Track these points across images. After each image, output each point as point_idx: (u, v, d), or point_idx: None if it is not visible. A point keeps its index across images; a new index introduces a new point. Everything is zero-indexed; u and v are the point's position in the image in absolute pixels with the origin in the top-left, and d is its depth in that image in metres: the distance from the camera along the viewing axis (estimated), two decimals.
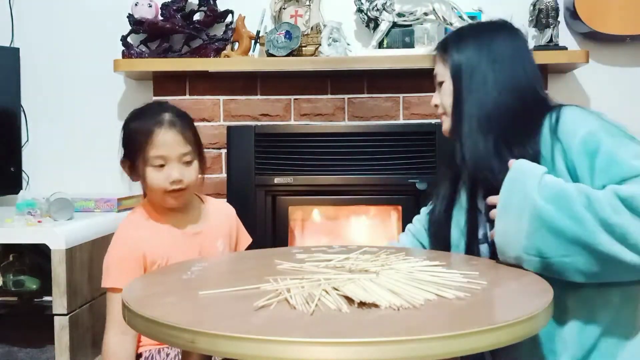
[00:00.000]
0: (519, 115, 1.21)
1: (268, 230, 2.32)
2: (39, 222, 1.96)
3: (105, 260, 1.38)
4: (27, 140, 2.54)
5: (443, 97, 1.32)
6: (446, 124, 1.34)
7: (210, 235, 1.45)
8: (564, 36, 2.38)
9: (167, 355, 1.38)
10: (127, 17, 2.36)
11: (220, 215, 1.50)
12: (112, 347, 1.33)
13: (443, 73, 1.31)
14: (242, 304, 0.86)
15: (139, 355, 1.39)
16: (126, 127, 1.42)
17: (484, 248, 1.25)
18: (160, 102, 1.50)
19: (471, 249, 1.26)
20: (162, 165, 1.35)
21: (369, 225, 2.45)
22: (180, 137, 1.37)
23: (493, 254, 1.21)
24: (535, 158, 1.15)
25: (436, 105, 1.35)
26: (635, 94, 2.42)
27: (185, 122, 1.40)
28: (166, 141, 1.35)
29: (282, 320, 0.79)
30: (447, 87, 1.30)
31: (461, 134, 1.26)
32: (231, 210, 1.55)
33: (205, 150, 1.50)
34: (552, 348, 1.12)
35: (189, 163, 1.38)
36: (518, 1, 2.33)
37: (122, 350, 1.33)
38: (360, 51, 2.34)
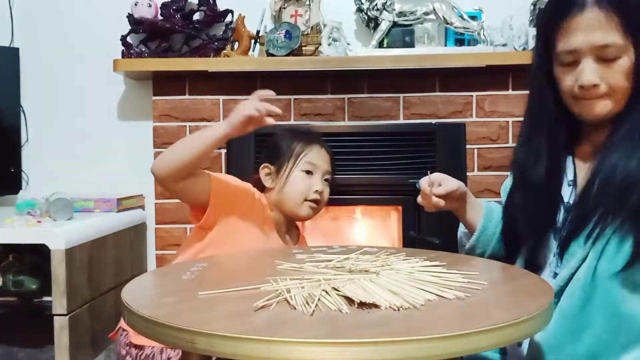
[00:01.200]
0: None
1: None
2: (39, 222, 1.96)
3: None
4: (27, 140, 2.54)
5: (615, 76, 1.08)
6: (607, 108, 1.11)
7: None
8: None
9: (169, 358, 1.38)
10: (127, 16, 2.36)
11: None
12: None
13: (621, 45, 1.06)
14: (242, 304, 0.85)
15: (141, 347, 1.39)
16: (280, 137, 1.57)
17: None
18: (307, 127, 1.73)
19: (542, 237, 1.18)
20: (309, 173, 1.51)
21: (369, 225, 2.44)
22: (329, 158, 1.58)
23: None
24: None
25: (595, 85, 1.10)
26: None
27: (331, 151, 1.61)
28: (320, 155, 1.55)
29: (282, 320, 0.79)
30: (625, 64, 1.08)
31: (629, 129, 1.08)
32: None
33: None
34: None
35: (327, 182, 1.56)
36: (518, 1, 2.32)
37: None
38: (361, 51, 2.34)
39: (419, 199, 1.36)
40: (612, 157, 1.09)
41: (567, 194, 1.19)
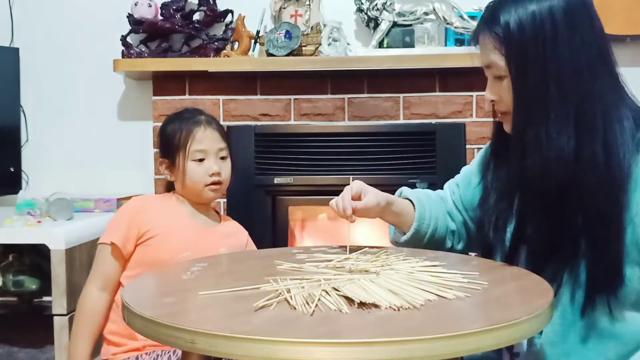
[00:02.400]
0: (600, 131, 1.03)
1: (268, 230, 2.32)
2: (39, 222, 1.96)
3: (115, 216, 1.49)
4: (27, 140, 2.54)
5: (505, 94, 1.09)
6: (510, 125, 1.12)
7: (218, 239, 1.52)
8: None
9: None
10: (127, 16, 2.36)
11: (233, 231, 1.60)
12: (88, 300, 1.42)
13: (501, 65, 1.07)
14: (242, 305, 0.85)
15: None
16: (165, 129, 1.55)
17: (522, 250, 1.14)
18: (192, 107, 1.66)
19: (514, 252, 1.14)
20: (201, 160, 1.49)
21: (368, 225, 2.44)
22: (217, 133, 1.53)
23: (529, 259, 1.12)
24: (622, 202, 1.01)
25: (492, 101, 1.13)
26: (635, 94, 2.41)
27: (219, 123, 1.58)
28: (206, 137, 1.50)
29: (282, 320, 0.79)
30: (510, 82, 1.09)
31: (520, 147, 1.07)
32: (245, 233, 1.64)
33: None
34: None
35: (224, 159, 1.53)
36: None
37: (96, 306, 1.42)
38: (361, 51, 2.34)
39: (334, 203, 1.28)
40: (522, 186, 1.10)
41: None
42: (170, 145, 1.51)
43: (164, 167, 1.54)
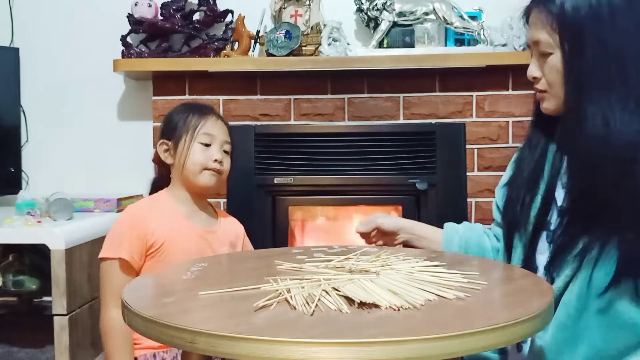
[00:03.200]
0: None
1: (268, 230, 2.32)
2: (39, 222, 1.96)
3: (112, 231, 1.44)
4: (27, 140, 2.54)
5: (549, 72, 1.13)
6: (550, 103, 1.15)
7: (220, 239, 1.51)
8: None
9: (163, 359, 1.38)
10: (127, 17, 2.36)
11: (231, 227, 1.59)
12: (112, 322, 1.35)
13: (549, 42, 1.11)
14: (242, 305, 0.85)
15: None
16: (172, 114, 1.55)
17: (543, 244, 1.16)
18: (203, 103, 1.69)
19: (535, 237, 1.17)
20: (207, 145, 1.49)
21: None
22: (226, 128, 1.56)
23: (554, 252, 1.13)
24: None
25: (535, 78, 1.16)
26: None
27: (227, 121, 1.60)
28: (217, 126, 1.53)
29: (282, 320, 0.79)
30: (555, 60, 1.12)
31: (572, 128, 1.09)
32: (241, 228, 1.63)
33: None
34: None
35: (227, 154, 1.54)
36: (518, 1, 2.32)
37: (122, 325, 1.33)
38: (361, 51, 2.34)
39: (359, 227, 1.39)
40: (570, 165, 1.13)
41: (561, 197, 1.17)
42: (177, 127, 1.51)
43: (164, 148, 1.51)
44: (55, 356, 1.85)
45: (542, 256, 1.17)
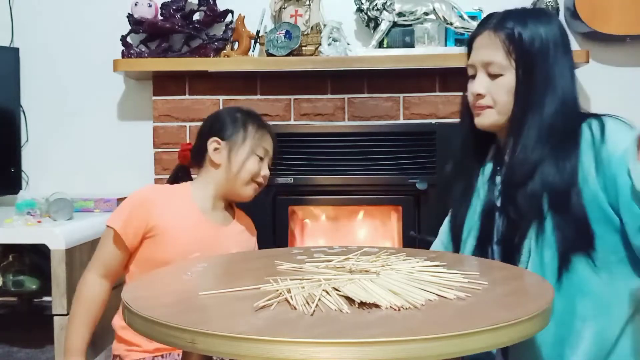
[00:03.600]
0: (568, 124, 1.20)
1: (268, 230, 2.32)
2: (39, 222, 1.96)
3: (124, 202, 1.46)
4: (27, 141, 2.54)
5: (497, 91, 1.24)
6: (490, 118, 1.26)
7: (233, 239, 1.52)
8: None
9: None
10: (127, 17, 2.36)
11: (246, 232, 1.61)
12: (87, 287, 1.42)
13: (503, 64, 1.22)
14: (242, 305, 0.85)
15: None
16: (230, 113, 1.57)
17: (496, 248, 1.24)
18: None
19: (483, 245, 1.25)
20: (261, 159, 1.53)
21: (369, 225, 2.44)
22: (274, 144, 1.58)
23: (504, 256, 1.22)
24: (575, 169, 1.15)
25: (479, 95, 1.26)
26: (635, 94, 2.42)
27: (275, 136, 1.61)
28: (271, 142, 1.57)
29: (282, 320, 0.79)
30: (507, 81, 1.22)
31: (518, 135, 1.22)
32: (254, 234, 1.67)
33: None
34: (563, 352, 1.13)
35: (269, 169, 1.58)
36: (518, 1, 2.32)
37: (96, 293, 1.42)
38: (361, 51, 2.34)
39: None
40: (509, 166, 1.24)
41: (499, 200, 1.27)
42: (233, 129, 1.51)
43: (214, 147, 1.51)
44: (55, 356, 1.85)
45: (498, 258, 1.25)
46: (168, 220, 1.42)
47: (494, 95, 1.24)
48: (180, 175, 1.64)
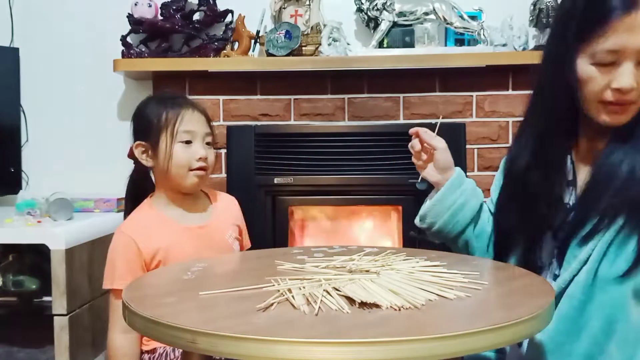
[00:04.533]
0: None
1: (268, 230, 2.32)
2: (39, 222, 1.96)
3: (107, 260, 1.39)
4: (27, 140, 2.54)
5: None
6: (629, 116, 1.08)
7: (219, 228, 1.46)
8: None
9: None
10: (127, 16, 2.36)
11: (226, 206, 1.52)
12: (117, 345, 1.35)
13: None
14: (243, 304, 0.85)
15: (152, 351, 1.39)
16: (144, 110, 1.45)
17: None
18: (171, 90, 1.55)
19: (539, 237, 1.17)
20: (188, 143, 1.39)
21: (369, 225, 2.44)
22: (203, 117, 1.44)
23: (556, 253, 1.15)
24: None
25: (628, 90, 1.04)
26: None
27: (203, 107, 1.47)
28: (193, 118, 1.41)
29: (282, 320, 0.79)
30: None
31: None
32: (235, 202, 1.56)
33: None
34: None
35: (209, 145, 1.43)
36: (518, 1, 2.33)
37: (127, 347, 1.35)
38: (361, 51, 2.34)
39: (413, 144, 1.40)
40: (613, 157, 1.08)
41: (567, 195, 1.18)
42: (152, 126, 1.39)
43: (141, 150, 1.42)
44: (55, 356, 1.85)
45: (548, 255, 1.17)
46: (155, 247, 1.36)
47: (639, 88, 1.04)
48: (137, 180, 1.52)
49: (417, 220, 1.38)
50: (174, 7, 2.37)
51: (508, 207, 1.25)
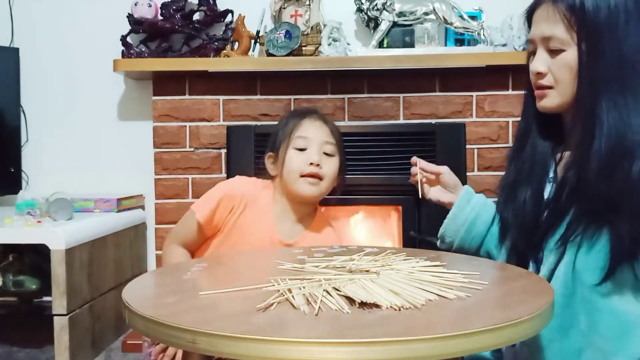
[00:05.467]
0: None
1: None
2: (39, 222, 1.96)
3: (212, 189, 1.48)
4: (27, 140, 2.53)
5: (558, 69, 1.12)
6: (553, 101, 1.14)
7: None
8: None
9: None
10: (127, 16, 2.36)
11: (319, 235, 1.51)
12: (173, 252, 1.46)
13: (564, 39, 1.10)
14: (243, 304, 0.86)
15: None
16: (278, 123, 1.53)
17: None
18: (307, 107, 1.64)
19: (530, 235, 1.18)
20: (303, 150, 1.42)
21: (369, 225, 2.44)
22: (326, 128, 1.47)
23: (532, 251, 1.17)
24: None
25: (539, 74, 1.14)
26: None
27: (332, 123, 1.51)
28: (312, 126, 1.45)
29: (282, 320, 0.79)
30: (569, 58, 1.10)
31: (585, 121, 1.08)
32: (332, 235, 1.54)
33: (204, 150, 1.55)
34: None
35: (329, 156, 1.45)
36: (518, 1, 2.31)
37: (179, 253, 1.45)
38: (361, 51, 2.34)
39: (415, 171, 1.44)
40: (581, 155, 1.11)
41: (547, 191, 1.20)
42: (277, 136, 1.47)
43: (270, 161, 1.50)
44: (55, 356, 1.85)
45: (530, 249, 1.20)
46: (243, 221, 1.43)
47: (555, 73, 1.13)
48: None
49: (438, 243, 1.43)
50: (174, 7, 2.37)
51: (504, 207, 1.28)
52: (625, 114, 1.06)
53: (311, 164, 1.40)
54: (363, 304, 0.84)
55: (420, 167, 1.41)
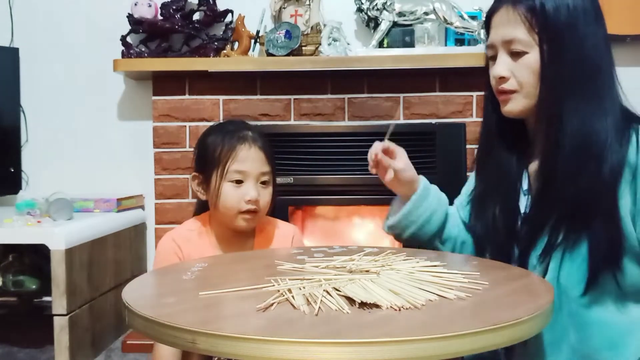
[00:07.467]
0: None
1: None
2: (39, 222, 1.96)
3: (154, 259, 1.39)
4: (27, 140, 2.54)
5: (521, 72, 1.10)
6: (518, 105, 1.12)
7: None
8: None
9: None
10: (127, 16, 2.36)
11: (278, 242, 1.44)
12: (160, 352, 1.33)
13: (526, 41, 1.09)
14: (243, 305, 0.85)
15: None
16: (204, 141, 1.38)
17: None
18: (240, 119, 1.48)
19: (507, 247, 1.16)
20: (239, 182, 1.33)
21: (369, 225, 2.44)
22: (262, 155, 1.35)
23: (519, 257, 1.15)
24: (617, 174, 1.04)
25: (502, 78, 1.12)
26: (635, 94, 2.41)
27: (266, 142, 1.38)
28: (249, 157, 1.33)
29: (282, 320, 0.79)
30: (531, 60, 1.09)
31: (550, 124, 1.08)
32: (289, 237, 1.47)
33: None
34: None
35: (265, 184, 1.36)
36: None
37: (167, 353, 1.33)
38: (361, 51, 2.34)
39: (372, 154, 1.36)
40: (547, 161, 1.11)
41: (523, 204, 1.18)
42: (207, 159, 1.35)
43: (196, 182, 1.39)
44: (55, 356, 1.85)
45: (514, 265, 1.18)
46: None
47: (518, 77, 1.10)
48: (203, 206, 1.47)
49: (384, 228, 1.38)
50: (174, 7, 2.37)
51: (476, 219, 1.26)
52: (589, 114, 1.06)
53: (249, 200, 1.33)
54: (363, 304, 0.84)
55: (380, 162, 1.35)
